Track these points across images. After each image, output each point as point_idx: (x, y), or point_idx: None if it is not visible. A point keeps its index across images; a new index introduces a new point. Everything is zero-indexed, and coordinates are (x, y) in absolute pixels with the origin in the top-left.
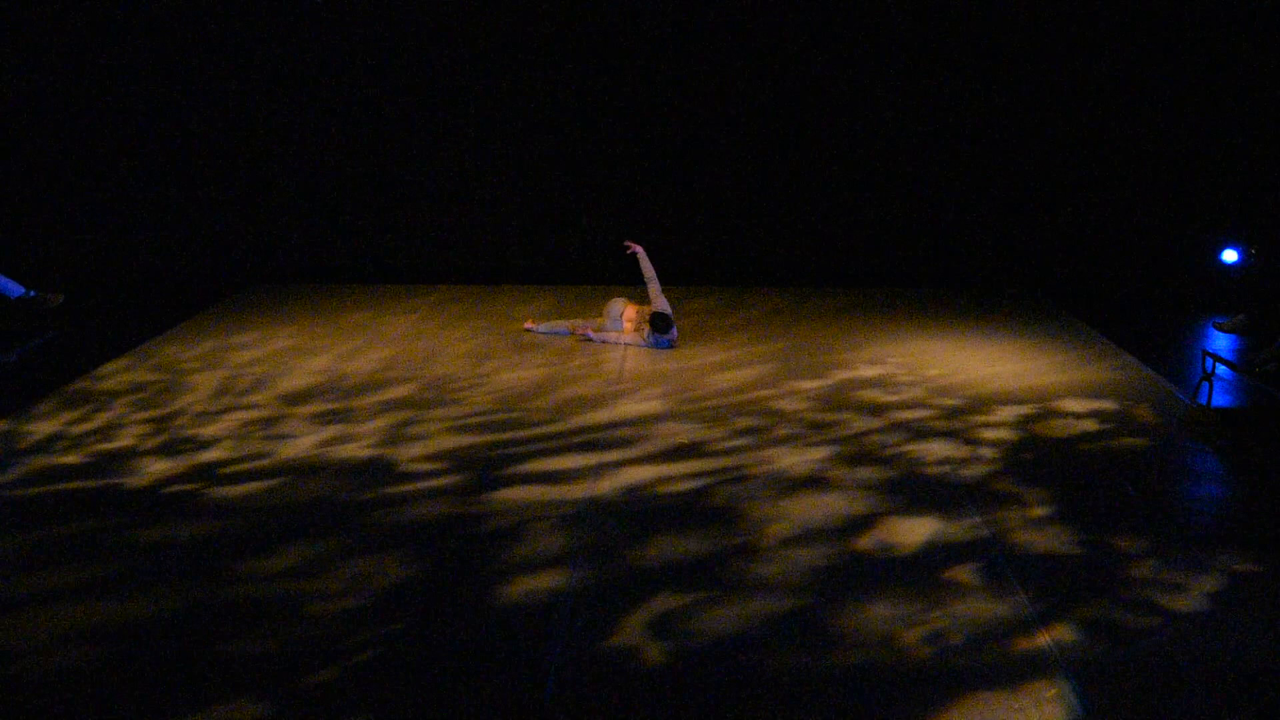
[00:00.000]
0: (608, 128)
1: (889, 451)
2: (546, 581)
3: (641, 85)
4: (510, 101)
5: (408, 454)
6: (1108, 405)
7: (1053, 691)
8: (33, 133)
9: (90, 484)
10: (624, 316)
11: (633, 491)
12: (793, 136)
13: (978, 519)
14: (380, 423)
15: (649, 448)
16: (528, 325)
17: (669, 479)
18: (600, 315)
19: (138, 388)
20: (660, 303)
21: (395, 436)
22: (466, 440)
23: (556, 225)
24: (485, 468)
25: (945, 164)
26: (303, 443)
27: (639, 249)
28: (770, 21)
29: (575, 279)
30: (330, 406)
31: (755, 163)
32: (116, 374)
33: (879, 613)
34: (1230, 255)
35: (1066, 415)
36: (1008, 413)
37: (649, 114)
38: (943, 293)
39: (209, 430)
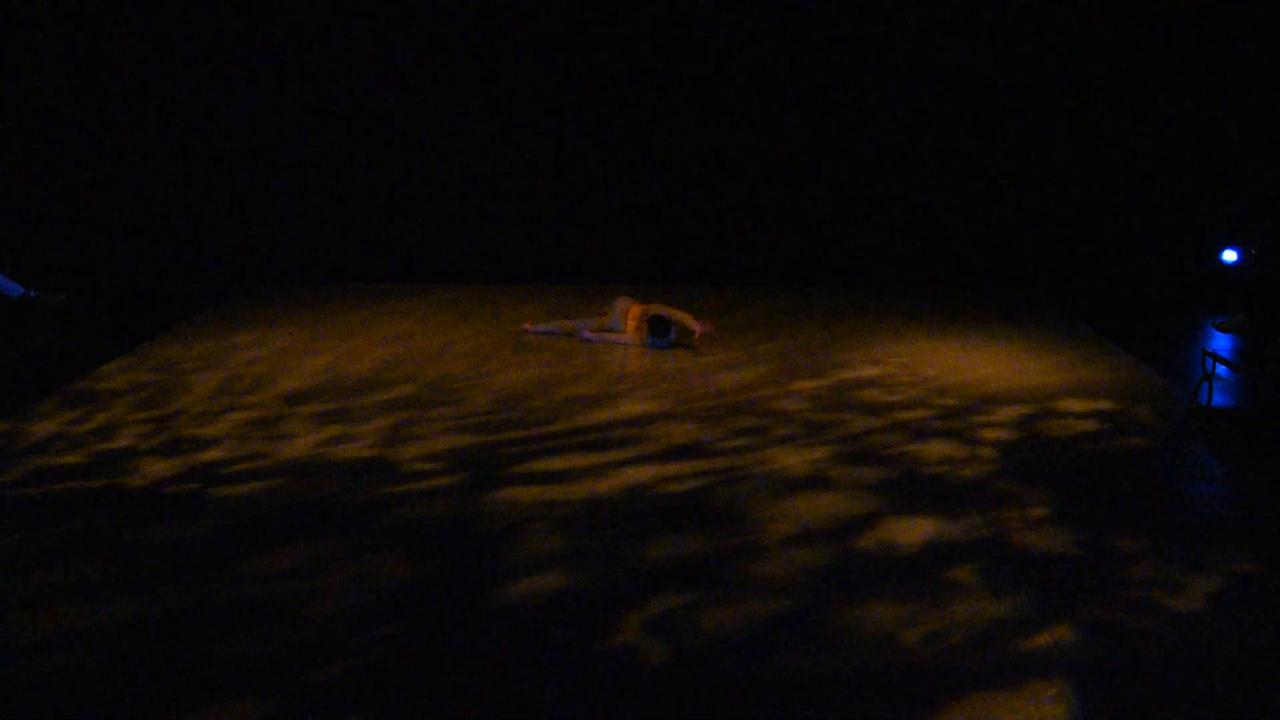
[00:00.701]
0: (609, 128)
1: (889, 451)
2: (546, 581)
3: (643, 85)
4: (511, 102)
5: (408, 454)
6: (1108, 405)
7: (1053, 691)
8: (33, 133)
9: (90, 484)
10: (628, 315)
11: (633, 491)
12: (793, 137)
13: (978, 519)
14: (380, 423)
15: (649, 448)
16: (525, 326)
17: (669, 479)
18: (600, 314)
19: (138, 388)
20: (665, 310)
21: (395, 436)
22: (466, 440)
23: (556, 225)
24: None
25: (945, 164)
26: (303, 443)
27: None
28: (770, 22)
29: (575, 279)
30: (330, 406)
31: (756, 163)
32: (116, 374)
33: (879, 613)
34: (1230, 255)
35: (1066, 415)
36: (1008, 413)
37: (650, 114)
38: (943, 293)
39: (209, 430)
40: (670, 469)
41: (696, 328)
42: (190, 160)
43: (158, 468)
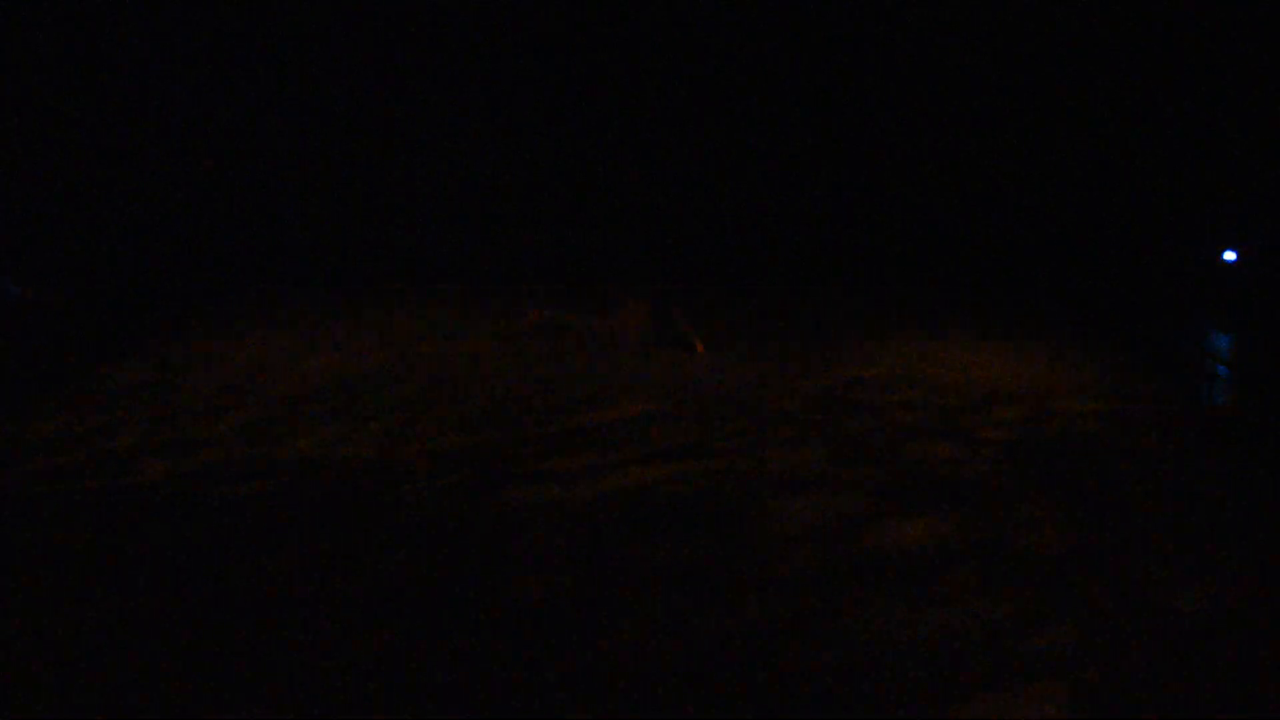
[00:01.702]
0: (610, 128)
1: (889, 451)
2: (547, 581)
3: (645, 87)
4: (512, 103)
5: (408, 454)
6: (1108, 405)
7: (1052, 691)
8: (34, 134)
9: (90, 484)
10: (635, 313)
11: (633, 491)
12: (794, 138)
13: (978, 519)
14: (380, 423)
15: (649, 448)
16: (533, 315)
17: (669, 479)
18: (606, 311)
19: (138, 388)
20: (676, 314)
21: (395, 436)
22: (466, 440)
23: (557, 225)
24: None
25: (946, 165)
26: (303, 443)
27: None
28: (771, 23)
29: (576, 278)
30: (330, 406)
31: (757, 164)
32: (116, 374)
33: (879, 613)
34: (1230, 255)
35: (1067, 415)
36: (1008, 413)
37: (652, 115)
38: (943, 293)
39: (210, 430)
40: (670, 469)
41: (698, 344)
42: (191, 161)
43: (158, 468)
